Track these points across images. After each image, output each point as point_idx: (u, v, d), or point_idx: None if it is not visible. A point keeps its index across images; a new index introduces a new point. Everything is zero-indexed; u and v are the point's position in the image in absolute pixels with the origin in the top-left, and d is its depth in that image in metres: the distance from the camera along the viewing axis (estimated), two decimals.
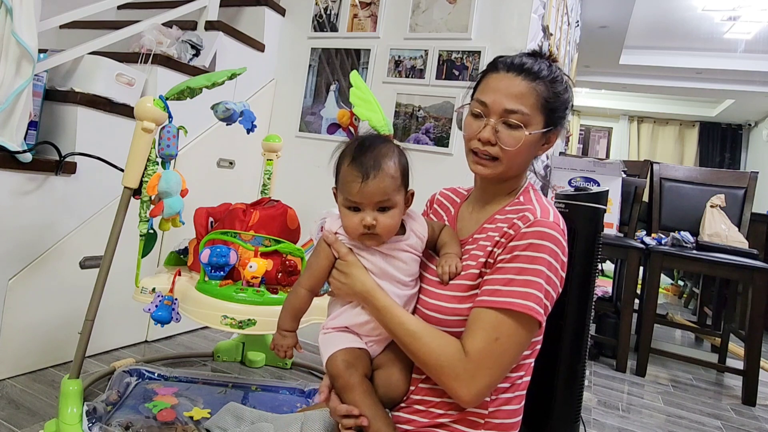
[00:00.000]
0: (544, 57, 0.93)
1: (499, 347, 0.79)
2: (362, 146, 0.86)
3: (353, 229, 0.84)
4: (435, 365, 0.81)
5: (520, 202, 0.90)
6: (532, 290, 0.79)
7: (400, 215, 0.86)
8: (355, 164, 0.83)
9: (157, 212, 1.32)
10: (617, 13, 4.67)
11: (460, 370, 0.79)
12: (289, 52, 2.50)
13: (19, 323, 1.55)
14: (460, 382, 0.79)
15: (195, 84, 1.32)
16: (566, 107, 0.92)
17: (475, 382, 0.78)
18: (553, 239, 0.82)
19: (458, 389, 0.79)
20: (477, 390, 0.79)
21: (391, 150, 0.87)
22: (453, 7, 2.14)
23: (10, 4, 1.39)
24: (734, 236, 2.51)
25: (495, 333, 0.79)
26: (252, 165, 2.33)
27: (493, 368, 0.79)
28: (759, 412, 2.13)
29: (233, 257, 1.32)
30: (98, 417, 1.27)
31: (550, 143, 0.94)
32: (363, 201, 0.83)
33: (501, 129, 0.86)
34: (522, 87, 0.86)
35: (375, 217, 0.83)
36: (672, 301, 4.67)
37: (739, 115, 7.51)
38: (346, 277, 0.86)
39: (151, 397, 1.45)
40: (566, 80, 0.93)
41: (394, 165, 0.85)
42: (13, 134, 1.45)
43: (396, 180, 0.84)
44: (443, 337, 0.82)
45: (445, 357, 0.80)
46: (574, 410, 1.08)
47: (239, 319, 1.23)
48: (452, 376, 0.79)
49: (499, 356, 0.79)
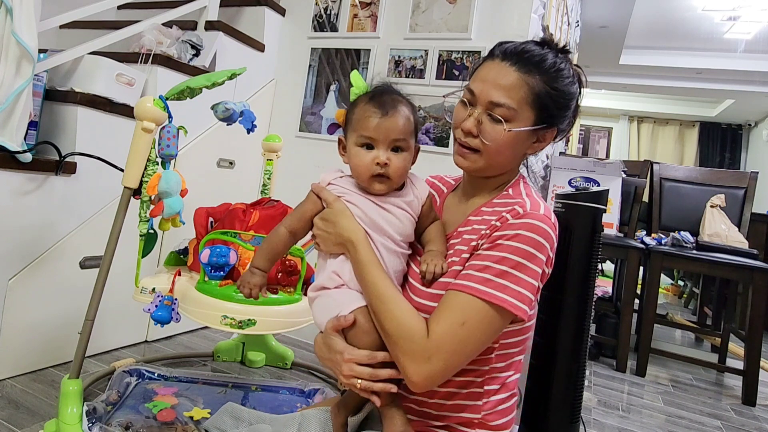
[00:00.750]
0: (553, 47, 0.85)
1: (464, 332, 0.73)
2: (380, 89, 0.86)
3: (365, 167, 0.82)
4: (393, 336, 0.75)
5: (509, 195, 0.85)
6: (508, 282, 0.74)
7: (410, 161, 0.85)
8: (374, 102, 0.83)
9: (157, 212, 1.32)
10: (617, 13, 4.67)
11: (417, 348, 0.73)
12: (289, 52, 2.50)
13: (19, 323, 1.55)
14: (413, 361, 0.73)
15: (195, 84, 1.32)
16: (566, 104, 0.84)
17: (428, 364, 0.73)
18: (543, 233, 0.77)
19: (409, 367, 0.74)
20: (429, 373, 0.73)
21: (407, 101, 0.87)
22: (453, 7, 2.14)
23: (10, 4, 1.39)
24: (734, 236, 2.51)
25: (461, 317, 0.74)
26: (252, 165, 2.33)
27: (452, 353, 0.73)
28: (759, 412, 2.13)
29: (233, 257, 1.32)
30: (98, 417, 1.27)
31: (543, 141, 0.87)
32: (379, 137, 0.81)
33: (485, 121, 0.81)
34: (512, 78, 0.80)
35: (389, 156, 0.81)
36: (672, 301, 4.67)
37: (739, 115, 7.50)
38: (332, 226, 0.83)
39: (151, 397, 1.45)
40: (574, 74, 0.85)
41: (408, 110, 0.85)
42: (13, 134, 1.45)
43: (410, 123, 0.84)
44: (413, 311, 0.77)
45: (405, 330, 0.74)
46: (574, 410, 1.08)
47: (239, 319, 1.23)
48: (407, 352, 0.74)
49: (462, 342, 0.74)
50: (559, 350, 1.07)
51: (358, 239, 0.80)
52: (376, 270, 0.79)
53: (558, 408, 1.07)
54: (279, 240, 0.88)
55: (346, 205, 0.83)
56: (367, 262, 0.79)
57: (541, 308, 1.12)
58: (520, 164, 0.90)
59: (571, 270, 1.09)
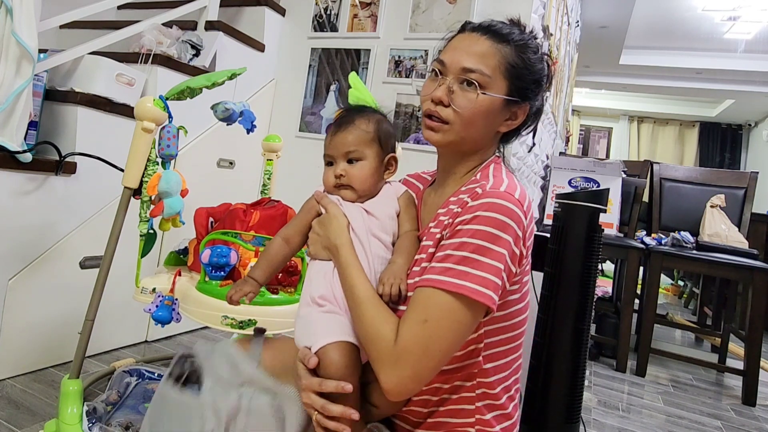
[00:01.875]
0: (522, 27, 0.84)
1: (427, 330, 0.69)
2: (347, 111, 0.91)
3: (328, 182, 0.88)
4: (364, 340, 0.73)
5: (476, 179, 0.80)
6: (468, 268, 0.69)
7: (370, 169, 0.86)
8: (334, 124, 0.89)
9: (157, 212, 1.32)
10: (617, 13, 4.67)
11: (384, 354, 0.70)
12: (289, 52, 2.50)
13: (19, 323, 1.55)
14: (383, 368, 0.70)
15: (195, 84, 1.32)
16: (537, 79, 0.82)
17: (396, 369, 0.69)
18: (505, 210, 0.71)
19: (380, 374, 0.70)
20: (398, 379, 0.69)
21: (371, 114, 0.89)
22: (453, 7, 2.14)
23: (10, 4, 1.39)
24: (734, 236, 2.51)
25: (423, 313, 0.70)
26: (252, 165, 2.33)
27: (418, 355, 0.69)
28: (759, 412, 2.13)
29: (234, 257, 1.31)
30: (98, 417, 1.27)
31: (515, 119, 0.83)
32: (333, 153, 0.87)
33: (456, 89, 0.78)
34: (485, 46, 0.78)
35: (344, 168, 0.86)
36: (672, 301, 4.67)
37: (739, 115, 7.51)
38: (323, 229, 0.83)
39: (151, 397, 1.44)
40: (541, 51, 0.84)
41: (367, 122, 0.87)
42: (13, 134, 1.45)
43: (367, 134, 0.86)
44: (386, 315, 0.73)
45: (376, 334, 0.72)
46: (574, 410, 1.08)
47: (239, 319, 1.23)
48: (376, 359, 0.71)
49: (427, 340, 0.69)
50: (559, 350, 1.07)
51: (342, 243, 0.80)
52: (355, 273, 0.78)
53: (558, 408, 1.06)
54: (273, 247, 0.90)
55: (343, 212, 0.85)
56: (348, 264, 0.78)
57: (541, 308, 1.12)
58: (494, 146, 0.87)
59: (571, 270, 1.09)
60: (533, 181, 2.66)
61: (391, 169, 0.90)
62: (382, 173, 0.89)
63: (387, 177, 0.91)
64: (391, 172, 0.90)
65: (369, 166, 0.86)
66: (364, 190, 0.87)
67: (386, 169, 0.90)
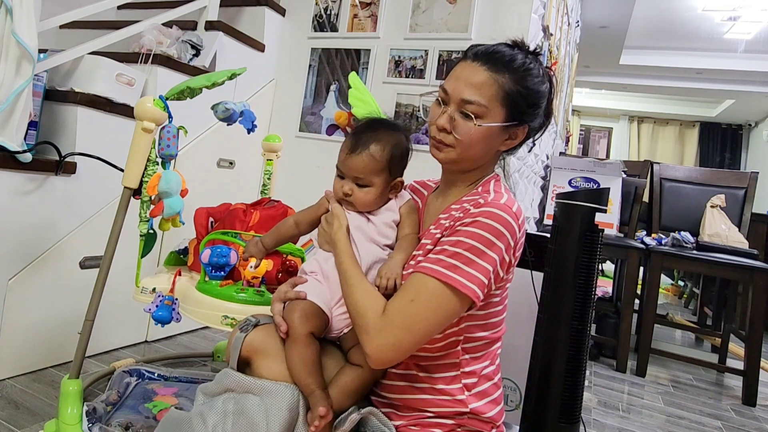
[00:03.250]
0: (524, 49, 0.90)
1: (413, 308, 0.78)
2: (368, 125, 0.97)
3: (336, 192, 0.96)
4: (352, 314, 0.84)
5: (478, 192, 0.89)
6: (459, 263, 0.78)
7: (376, 194, 0.94)
8: (352, 137, 0.94)
9: (157, 212, 1.32)
10: (617, 13, 4.67)
11: (370, 323, 0.80)
12: (289, 52, 2.50)
13: (19, 323, 1.55)
14: (368, 336, 0.79)
15: (195, 84, 1.32)
16: (536, 102, 0.88)
17: (379, 337, 0.78)
18: (502, 220, 0.80)
19: (365, 342, 0.80)
20: (379, 346, 0.78)
21: (389, 137, 0.93)
22: (453, 7, 2.14)
23: (10, 4, 1.39)
24: (734, 236, 2.51)
25: (412, 293, 0.79)
26: (252, 165, 2.33)
27: (401, 328, 0.78)
28: (759, 413, 2.13)
29: (234, 257, 1.31)
30: (98, 417, 1.27)
31: (515, 139, 0.91)
32: (344, 171, 0.94)
33: (457, 118, 0.86)
34: (483, 77, 0.84)
35: (351, 188, 0.93)
36: (672, 301, 4.67)
37: (739, 115, 7.51)
38: (329, 227, 0.94)
39: (151, 397, 1.44)
40: (543, 74, 0.89)
41: (380, 150, 0.92)
42: (13, 134, 1.45)
43: (378, 163, 0.92)
44: (375, 295, 0.84)
45: (364, 309, 0.81)
46: (574, 410, 1.08)
47: (240, 319, 1.23)
48: (362, 328, 0.81)
49: (411, 317, 0.78)
50: (559, 350, 1.07)
51: (339, 239, 0.91)
52: (347, 258, 0.89)
53: (558, 408, 1.06)
54: (285, 225, 1.04)
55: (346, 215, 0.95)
56: (343, 253, 0.89)
57: (541, 308, 1.12)
58: (494, 162, 0.95)
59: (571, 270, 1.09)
60: (533, 181, 2.66)
61: (396, 191, 0.97)
62: (387, 195, 0.96)
63: (391, 196, 0.97)
64: (395, 193, 0.97)
65: (375, 192, 0.94)
66: (366, 209, 0.95)
67: (392, 190, 0.96)
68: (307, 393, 0.82)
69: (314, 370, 0.83)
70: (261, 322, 0.93)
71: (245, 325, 0.92)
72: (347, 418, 0.82)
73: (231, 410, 0.81)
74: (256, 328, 0.91)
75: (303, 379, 0.82)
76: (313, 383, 0.82)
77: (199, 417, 0.82)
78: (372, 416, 0.85)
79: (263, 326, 0.91)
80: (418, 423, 0.86)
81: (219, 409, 0.82)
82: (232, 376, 0.86)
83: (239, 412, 0.81)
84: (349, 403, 0.85)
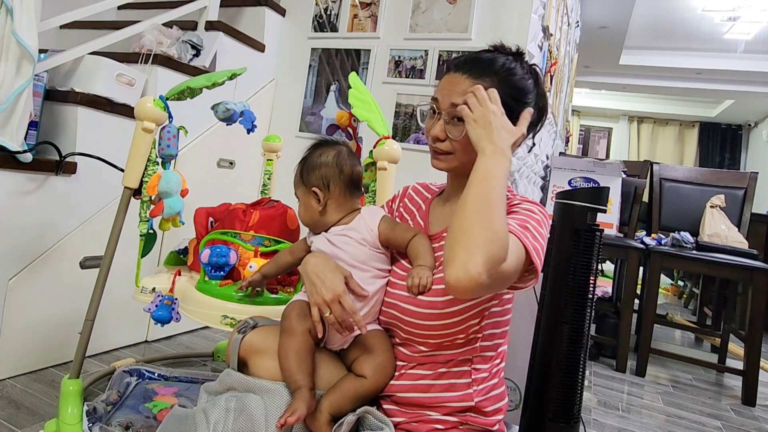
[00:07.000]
0: (504, 51, 0.92)
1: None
2: (312, 147, 1.03)
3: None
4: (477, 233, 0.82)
5: None
6: (530, 232, 0.81)
7: (305, 209, 1.00)
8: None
9: (157, 212, 1.32)
10: (617, 13, 4.68)
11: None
12: (289, 52, 2.50)
13: (19, 323, 1.55)
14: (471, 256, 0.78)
15: (195, 84, 1.32)
16: (522, 99, 0.89)
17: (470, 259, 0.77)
18: (541, 210, 0.86)
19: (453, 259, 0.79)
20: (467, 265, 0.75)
21: (316, 157, 0.98)
22: (453, 7, 2.14)
23: (10, 4, 1.39)
24: (734, 236, 2.51)
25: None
26: (252, 165, 2.33)
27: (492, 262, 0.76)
28: (759, 413, 2.13)
29: (233, 257, 1.31)
30: (98, 417, 1.27)
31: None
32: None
33: (450, 123, 0.88)
34: (465, 85, 0.87)
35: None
36: (672, 301, 4.67)
37: (739, 115, 7.51)
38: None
39: (151, 397, 1.44)
40: (527, 70, 0.91)
41: (298, 166, 1.01)
42: (13, 134, 1.45)
43: (297, 176, 1.01)
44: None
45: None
46: (574, 410, 1.08)
47: (239, 319, 1.23)
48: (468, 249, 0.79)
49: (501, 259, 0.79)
50: (559, 350, 1.07)
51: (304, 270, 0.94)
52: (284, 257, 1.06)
53: (558, 408, 1.07)
54: (283, 255, 1.10)
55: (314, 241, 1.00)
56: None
57: (541, 308, 1.12)
58: None
59: (571, 270, 1.09)
60: (533, 181, 2.66)
61: (320, 199, 0.97)
62: (318, 206, 0.97)
63: (321, 207, 0.97)
64: (321, 203, 0.97)
65: (303, 206, 1.00)
66: (308, 226, 1.01)
67: (318, 201, 0.97)
68: (293, 389, 0.81)
69: (305, 368, 0.83)
70: (259, 324, 0.94)
71: (243, 327, 0.93)
72: (345, 421, 0.82)
73: (233, 408, 0.83)
74: (254, 329, 0.92)
75: (293, 374, 0.82)
76: (302, 380, 0.81)
77: (202, 413, 0.84)
78: (368, 414, 0.85)
79: (261, 328, 0.93)
80: (419, 420, 0.87)
81: (221, 407, 0.84)
82: (233, 376, 0.88)
83: (240, 409, 0.83)
84: (348, 408, 0.85)
